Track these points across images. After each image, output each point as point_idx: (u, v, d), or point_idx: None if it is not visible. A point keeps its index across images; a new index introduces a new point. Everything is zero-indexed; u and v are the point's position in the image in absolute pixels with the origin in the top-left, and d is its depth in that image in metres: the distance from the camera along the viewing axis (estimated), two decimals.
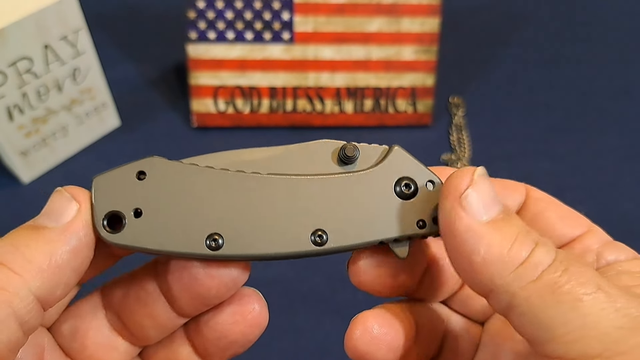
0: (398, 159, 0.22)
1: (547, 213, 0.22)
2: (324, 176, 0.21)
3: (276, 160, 0.21)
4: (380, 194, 0.21)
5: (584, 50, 0.64)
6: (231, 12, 0.51)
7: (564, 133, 0.56)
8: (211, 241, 0.20)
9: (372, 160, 0.22)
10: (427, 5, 0.51)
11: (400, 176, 0.21)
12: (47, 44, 0.45)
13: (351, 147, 0.21)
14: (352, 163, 0.21)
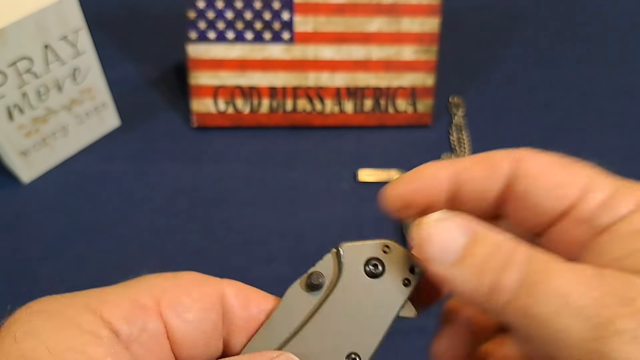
0: (351, 254, 0.22)
1: (534, 189, 0.21)
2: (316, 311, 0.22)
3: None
4: (362, 293, 0.22)
5: (584, 50, 0.64)
6: (231, 12, 0.51)
7: (563, 133, 0.56)
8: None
9: (330, 263, 0.22)
10: (427, 5, 0.51)
11: (363, 265, 0.22)
12: (47, 44, 0.45)
13: (315, 275, 0.22)
14: (320, 288, 0.22)
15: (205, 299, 0.21)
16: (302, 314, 0.22)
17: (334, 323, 0.21)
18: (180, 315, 0.20)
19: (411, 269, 0.22)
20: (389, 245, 0.22)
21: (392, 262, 0.22)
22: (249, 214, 0.49)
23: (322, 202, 0.50)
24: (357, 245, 0.22)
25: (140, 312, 0.19)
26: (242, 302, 0.21)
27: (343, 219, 0.48)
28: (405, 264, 0.22)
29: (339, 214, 0.49)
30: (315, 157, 0.53)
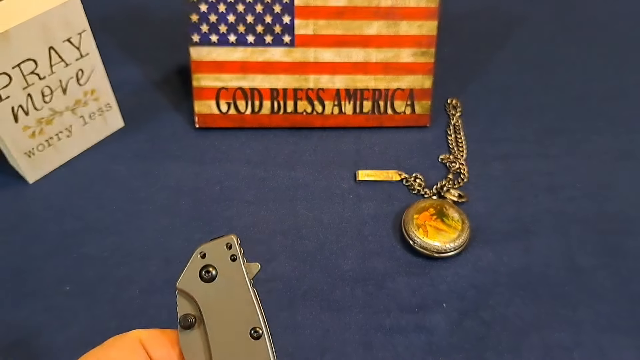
0: (186, 282, 0.26)
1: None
2: None
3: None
4: (221, 295, 0.26)
5: (578, 52, 0.65)
6: (233, 15, 0.52)
7: (558, 134, 0.56)
8: None
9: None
10: (425, 8, 0.52)
11: (200, 282, 0.26)
12: (51, 46, 0.46)
13: (183, 318, 0.25)
14: (194, 322, 0.26)
15: (129, 350, 0.25)
16: (203, 344, 0.25)
17: (225, 330, 0.25)
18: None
19: (227, 245, 0.26)
20: (202, 251, 0.26)
21: (214, 258, 0.26)
22: (250, 213, 0.49)
23: (322, 202, 0.50)
24: (185, 274, 0.26)
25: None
26: (156, 342, 0.25)
27: (343, 219, 0.49)
28: (222, 249, 0.26)
29: (338, 213, 0.50)
30: (315, 158, 0.54)
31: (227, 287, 0.25)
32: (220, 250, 0.26)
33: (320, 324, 0.43)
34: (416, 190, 0.51)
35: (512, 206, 0.50)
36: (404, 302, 0.44)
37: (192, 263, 0.26)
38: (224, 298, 0.25)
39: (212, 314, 0.25)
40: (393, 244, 0.48)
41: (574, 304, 0.44)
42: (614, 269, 0.46)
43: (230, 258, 0.26)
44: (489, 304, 0.44)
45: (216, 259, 0.26)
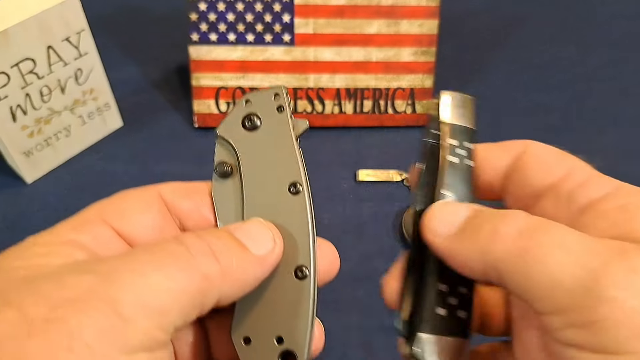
0: (227, 128, 0.24)
1: (530, 165, 0.24)
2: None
3: None
4: (262, 148, 0.24)
5: (580, 51, 0.64)
6: (232, 14, 0.51)
7: (560, 134, 0.56)
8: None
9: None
10: (425, 7, 0.52)
11: (242, 129, 0.24)
12: (50, 45, 0.46)
13: (219, 166, 0.24)
14: (230, 172, 0.24)
15: (143, 199, 0.22)
16: (237, 195, 0.23)
17: (262, 183, 0.23)
18: (122, 216, 0.22)
19: (275, 96, 0.24)
20: (247, 99, 0.24)
21: (260, 106, 0.24)
22: None
23: (322, 202, 0.50)
24: (226, 120, 0.24)
25: (86, 226, 0.21)
26: (181, 194, 0.23)
27: (343, 219, 0.49)
28: (269, 98, 0.24)
29: (339, 213, 0.49)
30: (315, 157, 0.54)
31: (270, 138, 0.24)
32: (266, 99, 0.24)
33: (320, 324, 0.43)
34: None
35: None
36: None
37: (235, 110, 0.24)
38: (265, 149, 0.24)
39: (251, 164, 0.23)
40: (393, 244, 0.47)
41: None
42: None
43: (277, 108, 0.24)
44: None
45: (262, 107, 0.24)
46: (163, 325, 0.18)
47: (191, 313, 0.19)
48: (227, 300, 0.20)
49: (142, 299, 0.17)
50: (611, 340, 0.16)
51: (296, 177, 0.23)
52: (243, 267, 0.20)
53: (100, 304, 0.17)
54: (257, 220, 0.22)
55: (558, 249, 0.18)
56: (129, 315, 0.17)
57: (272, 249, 0.21)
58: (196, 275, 0.18)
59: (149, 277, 0.18)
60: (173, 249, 0.19)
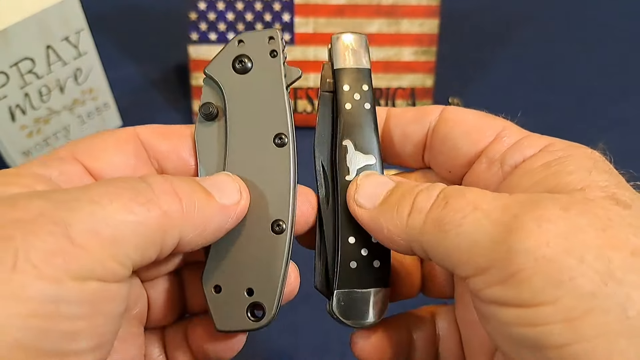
0: (216, 68, 0.23)
1: (454, 132, 0.23)
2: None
3: None
4: (250, 91, 0.23)
5: (581, 51, 0.64)
6: (232, 13, 0.51)
7: (561, 133, 0.56)
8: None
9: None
10: (426, 6, 0.52)
11: (232, 70, 0.23)
12: (49, 45, 0.45)
13: (204, 107, 0.23)
14: (216, 114, 0.23)
15: (118, 139, 0.22)
16: (220, 140, 0.23)
17: (248, 130, 0.22)
18: (94, 154, 0.21)
19: (269, 39, 0.23)
20: (240, 39, 0.23)
21: (253, 48, 0.23)
22: None
23: None
24: (216, 59, 0.23)
25: (55, 161, 0.20)
26: (159, 135, 0.23)
27: None
28: (263, 41, 0.23)
29: None
30: None
31: (260, 84, 0.23)
32: (260, 42, 0.23)
33: (320, 324, 0.43)
34: None
35: None
36: (404, 302, 0.44)
37: (226, 49, 0.23)
38: (254, 94, 0.23)
39: (238, 108, 0.23)
40: None
41: None
42: None
43: (270, 53, 0.23)
44: None
45: (254, 50, 0.23)
46: (118, 256, 0.17)
47: (149, 249, 0.18)
48: (190, 244, 0.20)
49: (96, 226, 0.17)
50: (527, 291, 0.16)
51: (282, 128, 0.22)
52: (205, 211, 0.20)
53: (50, 226, 0.16)
54: (225, 174, 0.22)
55: (471, 212, 0.18)
56: (81, 240, 0.16)
57: (237, 201, 0.21)
58: (155, 211, 0.18)
59: (106, 207, 0.17)
60: (135, 185, 0.19)
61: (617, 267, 0.15)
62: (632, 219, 0.17)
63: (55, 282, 0.16)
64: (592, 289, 0.15)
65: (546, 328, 0.16)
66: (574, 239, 0.16)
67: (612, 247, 0.16)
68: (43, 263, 0.16)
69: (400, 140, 0.25)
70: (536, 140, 0.22)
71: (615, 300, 0.15)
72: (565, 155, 0.20)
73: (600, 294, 0.15)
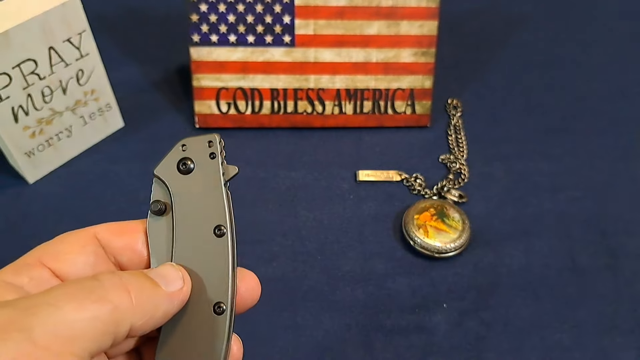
0: (163, 171, 0.26)
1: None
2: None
3: None
4: (194, 188, 0.26)
5: (580, 52, 0.65)
6: (233, 15, 0.52)
7: (560, 134, 0.56)
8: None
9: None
10: (425, 8, 0.52)
11: (177, 171, 0.26)
12: (51, 46, 0.46)
13: (154, 204, 0.26)
14: (164, 209, 0.26)
15: (78, 241, 0.25)
16: (168, 232, 0.26)
17: (191, 223, 0.26)
18: (58, 258, 0.24)
19: (209, 143, 0.26)
20: (184, 143, 0.26)
21: (194, 152, 0.26)
22: (250, 214, 0.49)
23: (322, 202, 0.50)
24: (163, 161, 0.26)
25: (24, 268, 0.23)
26: (115, 233, 0.26)
27: (343, 219, 0.49)
28: (203, 145, 0.26)
29: (338, 213, 0.49)
30: (315, 158, 0.54)
31: (201, 182, 0.26)
32: (201, 146, 0.26)
33: (320, 324, 0.43)
34: (416, 190, 0.51)
35: (513, 206, 0.50)
36: (404, 302, 0.44)
37: (172, 153, 0.26)
38: (196, 192, 0.26)
39: (182, 204, 0.26)
40: (393, 245, 0.47)
41: (574, 305, 0.44)
42: (614, 269, 0.46)
43: (209, 155, 0.26)
44: (489, 304, 0.44)
45: (196, 153, 0.26)
46: (76, 351, 0.20)
47: (104, 339, 0.21)
48: (140, 330, 0.22)
49: (55, 327, 0.19)
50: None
51: (221, 221, 0.25)
52: (153, 300, 0.23)
53: (15, 333, 0.19)
54: (169, 264, 0.25)
55: None
56: (43, 342, 0.19)
57: (180, 287, 0.24)
58: (107, 306, 0.21)
59: (62, 308, 0.20)
60: (88, 284, 0.21)
61: None
62: None
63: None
64: None
65: None
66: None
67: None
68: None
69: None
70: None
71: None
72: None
73: None
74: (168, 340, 0.25)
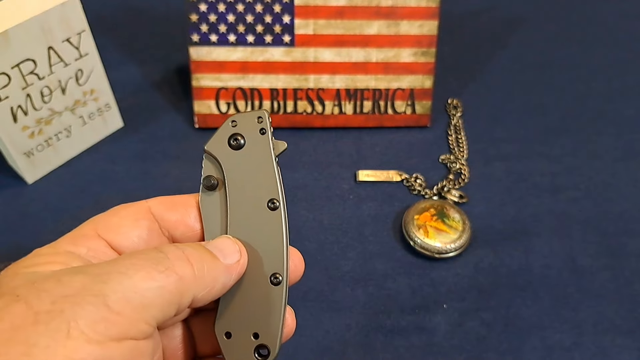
0: (214, 146, 0.27)
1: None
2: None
3: None
4: (245, 164, 0.27)
5: (580, 52, 0.65)
6: (233, 15, 0.51)
7: (560, 134, 0.56)
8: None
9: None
10: (425, 8, 0.52)
11: (227, 147, 0.27)
12: (50, 46, 0.46)
13: (206, 179, 0.27)
14: (217, 185, 0.27)
15: (133, 214, 0.26)
16: (222, 207, 0.26)
17: (244, 197, 0.26)
18: (114, 230, 0.25)
19: (258, 119, 0.27)
20: (234, 119, 0.27)
21: (245, 128, 0.27)
22: None
23: (322, 202, 0.50)
24: (214, 138, 0.27)
25: (82, 239, 0.24)
26: (168, 207, 0.26)
27: (343, 219, 0.49)
28: (253, 121, 0.27)
29: (338, 213, 0.49)
30: (315, 158, 0.54)
31: (252, 157, 0.27)
32: (250, 122, 0.27)
33: (320, 324, 0.43)
34: (417, 190, 0.51)
35: (513, 207, 0.50)
36: (404, 302, 0.44)
37: (222, 129, 0.27)
38: (248, 167, 0.26)
39: (235, 179, 0.26)
40: (393, 245, 0.47)
41: (575, 305, 0.44)
42: (615, 269, 0.46)
43: (259, 131, 0.27)
44: (489, 304, 0.44)
45: (246, 129, 0.27)
46: (146, 318, 0.21)
47: (170, 309, 0.22)
48: (201, 301, 0.23)
49: (127, 295, 0.20)
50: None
51: (274, 194, 0.26)
52: (213, 272, 0.23)
53: (92, 298, 0.20)
54: (226, 237, 0.26)
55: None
56: (117, 308, 0.20)
57: (237, 260, 0.25)
58: (173, 277, 0.21)
59: (132, 277, 0.21)
60: (154, 255, 0.22)
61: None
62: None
63: (100, 345, 0.19)
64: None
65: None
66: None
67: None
68: (89, 329, 0.19)
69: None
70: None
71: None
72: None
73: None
74: (226, 311, 0.25)
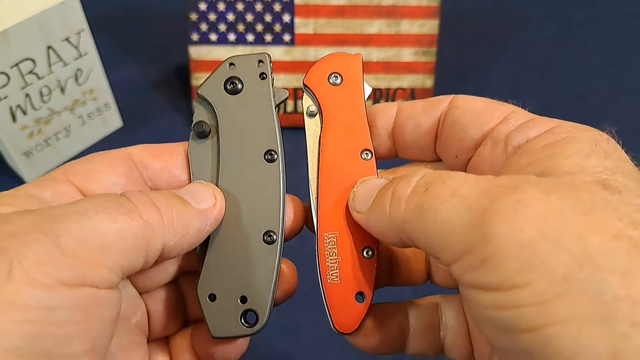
0: (208, 90, 0.25)
1: (462, 118, 0.23)
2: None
3: None
4: (241, 110, 0.25)
5: (581, 51, 0.64)
6: (232, 14, 0.51)
7: None
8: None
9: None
10: (426, 7, 0.52)
11: (224, 90, 0.25)
12: (50, 45, 0.45)
13: (197, 125, 0.24)
14: (208, 132, 0.24)
15: (109, 160, 0.23)
16: (213, 156, 0.24)
17: (239, 147, 0.24)
18: (86, 176, 0.22)
19: (258, 63, 0.24)
20: (232, 62, 0.24)
21: (243, 71, 0.24)
22: None
23: None
24: (209, 80, 0.24)
25: (48, 182, 0.22)
26: (151, 154, 0.24)
27: None
28: (252, 64, 0.24)
29: None
30: None
31: (250, 104, 0.24)
32: (250, 65, 0.24)
33: (320, 324, 0.43)
34: None
35: None
36: None
37: (218, 71, 0.24)
38: (245, 114, 0.24)
39: (229, 127, 0.24)
40: None
41: None
42: None
43: (259, 75, 0.24)
44: None
45: (245, 72, 0.24)
46: (107, 263, 0.18)
47: (136, 256, 0.19)
48: (174, 249, 0.21)
49: (84, 235, 0.18)
50: (499, 276, 0.16)
51: (273, 145, 0.24)
52: (184, 217, 0.21)
53: (42, 237, 0.17)
54: (198, 182, 0.23)
55: (449, 198, 0.18)
56: (70, 249, 0.17)
57: (212, 204, 0.22)
58: (137, 220, 0.19)
59: (92, 218, 0.18)
60: (116, 198, 0.20)
61: (595, 252, 0.15)
62: (619, 204, 0.16)
63: (47, 289, 0.17)
64: (565, 273, 0.15)
65: (519, 311, 0.16)
66: (551, 223, 0.16)
67: (593, 231, 0.16)
68: (35, 271, 0.17)
69: (413, 134, 0.25)
70: (542, 122, 0.21)
71: (590, 284, 0.15)
72: (569, 137, 0.20)
73: (574, 277, 0.15)
74: (211, 270, 0.23)
